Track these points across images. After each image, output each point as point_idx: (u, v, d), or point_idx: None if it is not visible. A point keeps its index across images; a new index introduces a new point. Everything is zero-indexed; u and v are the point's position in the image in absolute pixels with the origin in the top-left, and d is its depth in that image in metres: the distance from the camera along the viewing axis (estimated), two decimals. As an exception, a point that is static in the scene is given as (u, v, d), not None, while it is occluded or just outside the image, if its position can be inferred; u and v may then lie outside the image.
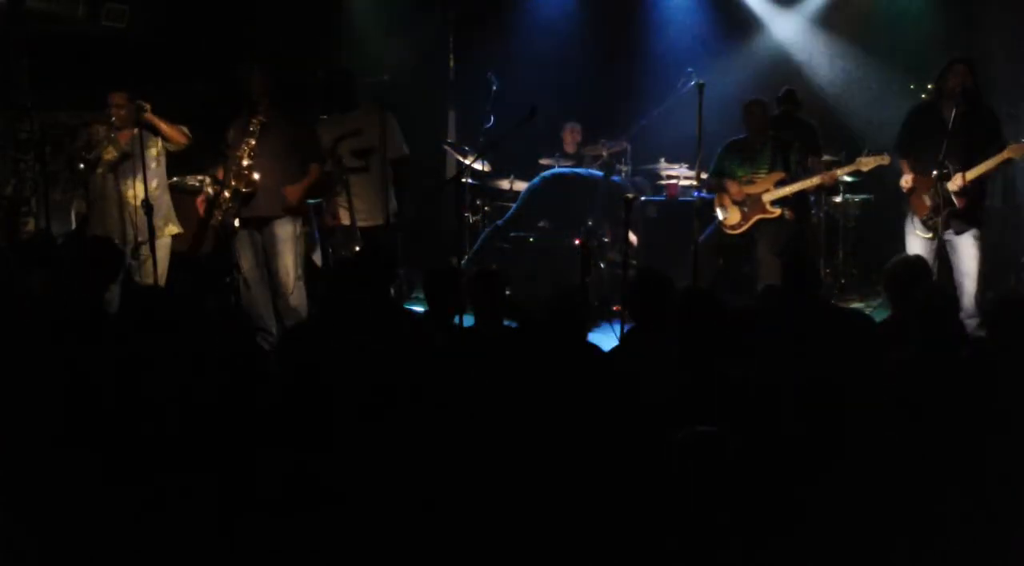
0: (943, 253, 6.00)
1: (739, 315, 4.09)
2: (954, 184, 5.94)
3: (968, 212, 6.03)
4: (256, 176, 6.16)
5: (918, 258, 5.16)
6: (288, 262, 6.25)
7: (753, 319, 4.31)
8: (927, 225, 6.08)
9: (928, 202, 6.05)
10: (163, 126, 6.44)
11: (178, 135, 6.50)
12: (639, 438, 3.28)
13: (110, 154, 6.47)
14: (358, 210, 6.55)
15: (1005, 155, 5.94)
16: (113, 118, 6.35)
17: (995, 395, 3.52)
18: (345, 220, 6.60)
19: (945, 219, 5.95)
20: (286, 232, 6.26)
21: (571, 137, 8.62)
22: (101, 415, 3.46)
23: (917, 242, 6.14)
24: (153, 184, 6.39)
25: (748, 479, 2.91)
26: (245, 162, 6.15)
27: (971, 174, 5.94)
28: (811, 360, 3.82)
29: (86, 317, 4.45)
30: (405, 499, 3.07)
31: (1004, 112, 6.67)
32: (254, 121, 6.17)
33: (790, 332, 4.22)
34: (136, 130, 6.26)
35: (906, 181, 6.25)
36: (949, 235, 6.04)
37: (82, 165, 6.47)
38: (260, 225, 6.27)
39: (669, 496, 2.91)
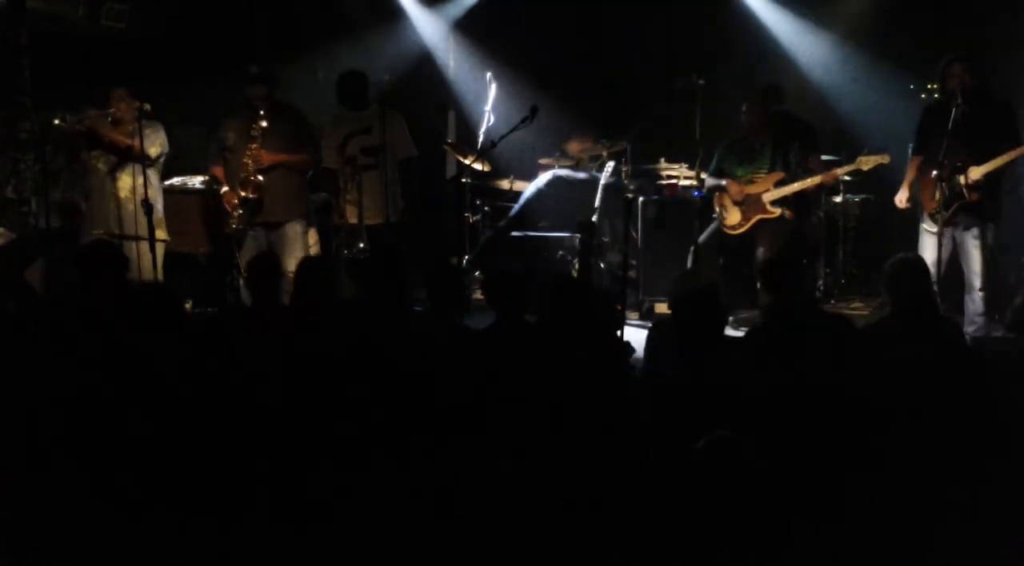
0: (950, 248, 5.98)
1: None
2: (967, 178, 5.90)
3: (978, 207, 5.97)
4: (261, 180, 6.35)
5: (917, 257, 5.15)
6: (296, 261, 6.34)
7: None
8: (934, 219, 6.05)
9: (936, 196, 6.01)
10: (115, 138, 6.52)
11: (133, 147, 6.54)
12: (645, 441, 3.29)
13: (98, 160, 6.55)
14: (366, 207, 6.60)
15: (1020, 151, 5.85)
16: (113, 111, 6.45)
17: (994, 394, 3.53)
18: (352, 219, 6.64)
19: (954, 213, 5.92)
20: (295, 232, 6.49)
21: (578, 146, 8.59)
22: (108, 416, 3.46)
23: (929, 239, 6.10)
24: (139, 180, 6.46)
25: (761, 483, 2.92)
26: (251, 168, 6.34)
27: (983, 169, 5.88)
28: (800, 364, 3.82)
29: (90, 317, 4.46)
30: (416, 502, 3.07)
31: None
32: (255, 126, 6.28)
33: (775, 336, 4.23)
34: (131, 127, 6.36)
35: (900, 200, 6.30)
36: (957, 231, 6.01)
37: (57, 121, 6.55)
38: (270, 228, 6.42)
39: (687, 501, 2.92)
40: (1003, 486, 3.09)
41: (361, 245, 6.59)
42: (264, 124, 6.33)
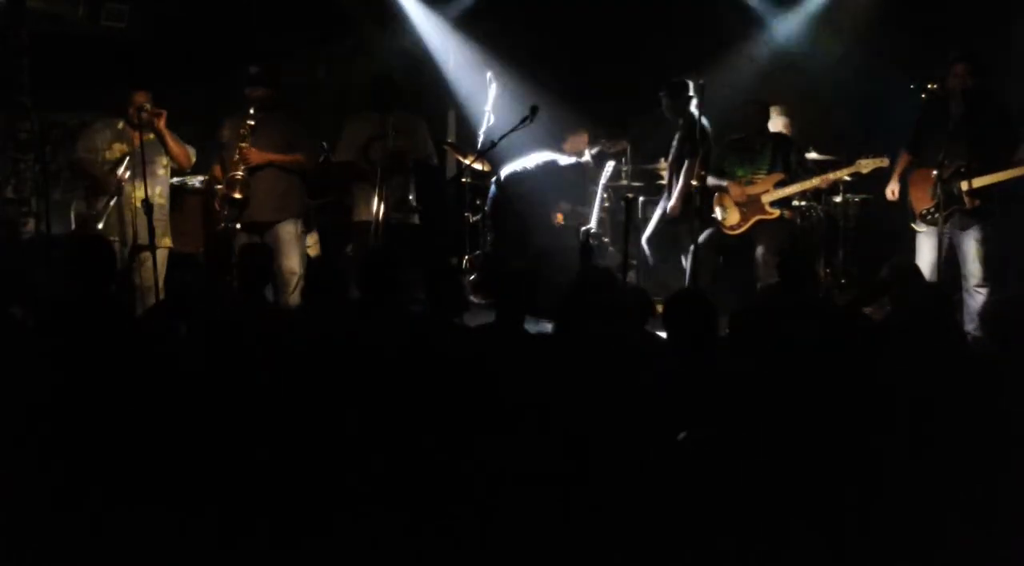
0: (949, 250, 5.97)
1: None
2: (969, 184, 5.86)
3: (976, 209, 5.91)
4: (247, 180, 6.29)
5: (911, 262, 5.15)
6: (292, 263, 6.36)
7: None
8: (925, 219, 6.06)
9: (929, 196, 5.99)
10: (170, 141, 6.48)
11: (182, 155, 6.56)
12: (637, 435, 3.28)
13: (115, 153, 6.48)
14: (379, 207, 6.60)
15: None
16: (132, 117, 6.37)
17: (994, 395, 3.52)
18: (367, 217, 6.62)
19: (948, 216, 5.90)
20: (288, 233, 6.42)
21: (578, 145, 8.57)
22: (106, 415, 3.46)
23: (925, 240, 6.09)
24: (157, 190, 6.40)
25: (746, 480, 2.92)
26: (239, 170, 6.28)
27: (987, 180, 5.81)
28: (806, 359, 3.81)
29: (86, 315, 4.46)
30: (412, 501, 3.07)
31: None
32: (244, 126, 6.25)
33: (785, 331, 4.22)
34: (150, 135, 6.33)
35: (891, 192, 6.31)
36: (952, 231, 5.99)
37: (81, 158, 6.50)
38: (262, 228, 6.37)
39: (687, 501, 2.92)
40: (1005, 486, 3.09)
41: (375, 243, 6.58)
42: (251, 123, 6.28)
